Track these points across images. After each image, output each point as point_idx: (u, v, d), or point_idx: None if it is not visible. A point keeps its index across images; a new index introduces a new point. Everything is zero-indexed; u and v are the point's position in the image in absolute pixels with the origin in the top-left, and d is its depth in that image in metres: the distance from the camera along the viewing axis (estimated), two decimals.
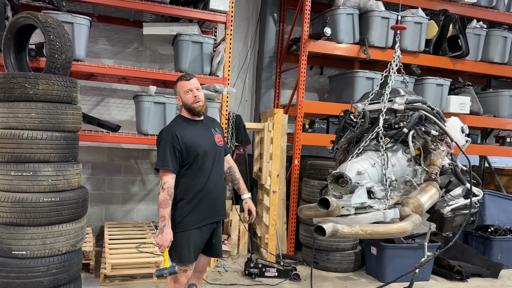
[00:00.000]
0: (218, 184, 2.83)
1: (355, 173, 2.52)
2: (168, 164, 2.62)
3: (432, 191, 2.65)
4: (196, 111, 2.76)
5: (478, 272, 4.87)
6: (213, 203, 2.79)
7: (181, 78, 2.81)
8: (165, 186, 2.61)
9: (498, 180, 6.78)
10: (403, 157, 2.87)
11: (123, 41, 5.45)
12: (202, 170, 2.72)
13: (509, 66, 6.11)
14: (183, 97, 2.77)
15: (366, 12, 5.31)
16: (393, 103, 2.90)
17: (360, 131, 2.99)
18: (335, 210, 2.37)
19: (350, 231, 2.28)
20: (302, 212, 2.88)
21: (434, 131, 2.82)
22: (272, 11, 5.77)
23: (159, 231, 2.58)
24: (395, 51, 3.02)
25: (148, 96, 4.28)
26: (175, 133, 2.68)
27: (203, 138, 2.78)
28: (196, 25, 4.71)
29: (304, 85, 5.14)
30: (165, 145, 2.66)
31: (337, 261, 4.73)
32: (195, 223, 2.71)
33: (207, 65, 4.57)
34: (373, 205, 2.52)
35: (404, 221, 2.40)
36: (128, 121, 5.39)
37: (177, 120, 2.84)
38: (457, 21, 5.46)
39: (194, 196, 2.71)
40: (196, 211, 2.71)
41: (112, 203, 5.49)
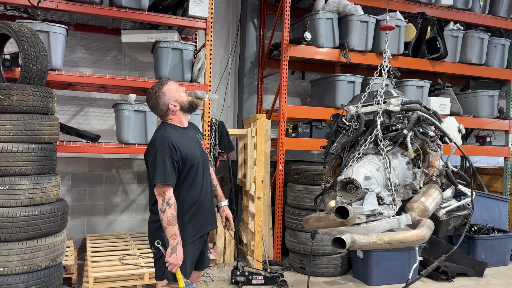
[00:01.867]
0: (208, 194, 2.73)
1: (363, 178, 2.41)
2: (170, 179, 2.45)
3: (435, 193, 2.58)
4: (195, 103, 2.68)
5: (463, 271, 4.91)
6: (206, 215, 2.68)
7: (164, 83, 2.61)
8: (171, 202, 2.44)
9: (479, 179, 6.87)
10: (402, 160, 2.81)
11: (101, 49, 5.36)
12: (195, 181, 2.60)
13: (487, 66, 6.22)
14: (179, 96, 2.61)
15: (345, 16, 5.35)
16: (388, 104, 2.85)
17: (356, 134, 2.87)
18: (351, 220, 2.23)
19: (367, 241, 2.16)
20: (309, 223, 2.66)
21: (431, 132, 2.77)
22: (252, 17, 5.77)
23: (172, 250, 2.41)
24: (385, 51, 2.98)
25: (128, 105, 4.21)
26: (171, 142, 2.48)
27: (195, 146, 2.64)
28: (175, 32, 4.67)
29: (286, 90, 5.13)
30: (163, 157, 2.45)
31: (324, 265, 4.71)
32: (190, 238, 2.57)
33: (188, 71, 4.52)
34: (383, 211, 2.41)
35: (420, 227, 2.29)
36: (109, 130, 5.29)
37: (167, 128, 2.60)
38: (435, 23, 5.54)
39: (189, 208, 2.58)
40: (190, 225, 2.58)
41: (94, 215, 5.37)
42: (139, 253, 4.42)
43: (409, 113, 2.81)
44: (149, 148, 2.53)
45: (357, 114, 2.92)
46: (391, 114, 2.88)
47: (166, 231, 2.41)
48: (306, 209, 4.75)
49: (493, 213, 5.63)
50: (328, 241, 4.69)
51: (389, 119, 2.87)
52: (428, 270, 2.87)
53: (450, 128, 2.94)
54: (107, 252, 4.49)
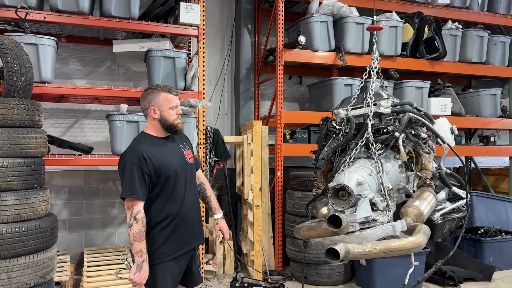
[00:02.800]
0: (193, 207, 2.59)
1: (355, 184, 2.31)
2: (138, 192, 2.33)
3: (430, 197, 2.48)
4: (178, 129, 2.51)
5: (471, 276, 4.75)
6: (189, 229, 2.54)
7: (168, 91, 2.49)
8: (138, 217, 2.32)
9: (485, 180, 6.72)
10: (395, 163, 2.72)
11: (95, 61, 5.31)
12: (174, 193, 2.47)
13: (487, 65, 6.10)
14: (165, 112, 2.46)
15: (340, 18, 5.26)
16: (379, 106, 2.76)
17: (347, 138, 2.78)
18: (345, 228, 2.12)
19: (362, 250, 2.04)
20: (300, 232, 2.56)
21: (423, 133, 2.68)
22: (246, 23, 5.70)
23: (137, 268, 2.27)
24: (374, 52, 2.90)
25: (120, 115, 4.14)
26: (141, 154, 2.37)
27: (173, 157, 2.50)
28: (167, 40, 4.61)
29: (282, 95, 5.04)
30: (131, 170, 2.35)
31: (326, 274, 4.58)
32: (171, 254, 2.44)
33: (181, 80, 4.45)
34: (377, 218, 2.31)
35: (415, 234, 2.18)
36: (104, 142, 5.23)
37: (141, 138, 2.52)
38: (432, 22, 5.45)
39: (168, 223, 2.45)
40: (171, 240, 2.45)
41: (92, 228, 5.28)
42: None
43: (400, 115, 2.72)
44: (120, 159, 2.44)
45: (347, 117, 2.82)
46: (382, 116, 2.79)
47: (132, 247, 2.29)
48: (306, 217, 4.61)
49: (500, 215, 5.48)
50: None
51: (380, 121, 2.78)
52: (425, 276, 2.75)
53: (443, 129, 2.84)
54: (104, 266, 4.41)
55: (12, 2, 3.88)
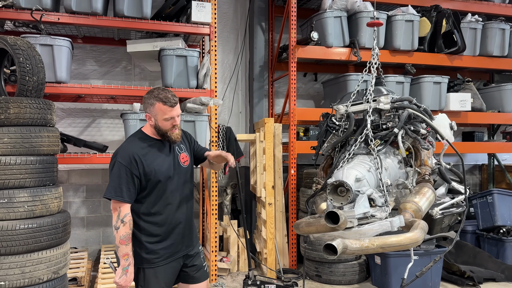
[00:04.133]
0: (186, 213, 2.50)
1: (354, 180, 2.30)
2: (123, 195, 2.26)
3: (428, 193, 2.44)
4: (172, 139, 2.41)
5: (491, 276, 4.60)
6: (180, 237, 2.46)
7: (164, 101, 2.33)
8: (125, 220, 2.26)
9: (509, 178, 6.49)
10: (394, 159, 2.68)
11: (111, 61, 5.40)
12: (165, 198, 2.39)
13: (510, 58, 5.89)
14: (159, 122, 2.36)
15: (354, 14, 5.19)
16: (378, 102, 2.73)
17: (346, 134, 2.77)
18: (342, 224, 2.11)
19: (359, 246, 2.02)
20: (300, 228, 2.54)
21: (422, 129, 2.64)
22: (259, 20, 5.69)
23: (123, 271, 2.25)
24: (373, 48, 2.86)
25: (133, 114, 4.20)
26: (133, 156, 2.30)
27: (165, 161, 2.41)
28: (180, 39, 4.64)
29: (295, 92, 5.00)
30: (119, 171, 2.28)
31: (341, 273, 4.52)
32: (161, 259, 2.39)
33: (193, 78, 4.48)
34: (375, 213, 2.30)
35: (413, 230, 2.15)
36: (120, 141, 5.31)
37: (136, 138, 2.44)
38: (450, 16, 5.30)
39: (157, 228, 2.38)
40: (161, 246, 2.39)
41: (109, 226, 5.37)
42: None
43: (399, 111, 2.67)
44: (112, 157, 2.38)
45: (347, 113, 2.79)
46: (381, 112, 2.75)
47: (118, 250, 2.26)
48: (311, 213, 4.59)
49: None
50: None
51: (379, 117, 2.74)
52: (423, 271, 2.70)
53: (442, 125, 2.78)
54: None
55: (28, 4, 3.98)
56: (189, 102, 4.35)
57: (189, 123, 4.33)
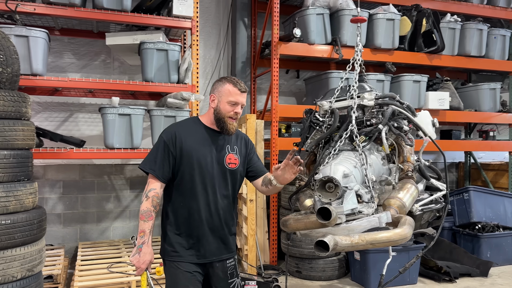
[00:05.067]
0: (221, 216, 2.30)
1: (341, 176, 2.27)
2: (155, 168, 2.20)
3: (411, 189, 2.46)
4: (227, 128, 2.26)
5: (467, 271, 4.71)
6: (209, 239, 2.27)
7: (235, 83, 2.26)
8: (150, 195, 2.17)
9: (484, 175, 6.65)
10: (378, 155, 2.69)
11: (89, 54, 5.28)
12: (195, 192, 2.24)
13: (487, 59, 6.02)
14: (222, 104, 2.25)
15: (336, 11, 5.20)
16: (362, 99, 2.72)
17: (330, 130, 2.74)
18: (333, 221, 2.09)
19: (350, 242, 2.01)
20: (288, 225, 2.45)
21: (406, 126, 2.65)
22: (242, 16, 5.65)
23: (136, 250, 2.13)
24: (357, 44, 2.86)
25: (112, 108, 4.11)
26: (175, 133, 2.24)
27: (206, 152, 2.26)
28: (161, 32, 4.56)
29: (277, 89, 4.99)
30: (159, 145, 2.24)
31: (321, 268, 4.55)
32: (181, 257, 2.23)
33: (174, 73, 4.41)
34: (362, 210, 2.29)
35: (401, 226, 2.15)
36: (99, 136, 5.19)
37: (189, 120, 2.38)
38: (430, 15, 5.37)
39: (183, 222, 2.25)
40: (185, 245, 2.25)
41: (87, 222, 5.27)
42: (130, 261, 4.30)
43: (383, 107, 2.69)
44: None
45: (331, 109, 2.79)
46: (365, 109, 2.76)
47: (139, 224, 2.19)
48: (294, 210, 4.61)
49: (497, 210, 5.42)
50: None
51: (362, 114, 2.75)
52: (406, 267, 2.73)
53: (425, 122, 2.82)
54: (97, 261, 4.39)
55: None
56: (169, 97, 4.28)
57: (170, 118, 4.26)
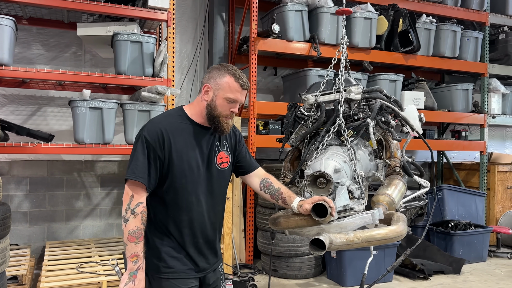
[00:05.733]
0: (211, 222, 2.04)
1: (333, 171, 2.19)
2: (142, 175, 1.85)
3: (399, 184, 2.40)
4: (221, 128, 1.97)
5: (440, 269, 4.77)
6: (204, 251, 2.03)
7: (237, 77, 1.94)
8: (137, 210, 1.83)
9: (456, 175, 6.78)
10: (365, 151, 2.63)
11: (59, 46, 5.06)
12: (187, 203, 1.95)
13: (460, 60, 6.13)
14: (219, 100, 1.93)
15: (315, 8, 5.18)
16: (349, 92, 2.63)
17: (317, 124, 2.63)
18: (329, 218, 1.97)
19: (344, 240, 1.90)
20: (278, 223, 2.25)
21: (393, 121, 2.58)
22: (219, 10, 5.55)
23: (129, 277, 1.83)
24: (343, 37, 2.78)
25: (82, 101, 3.93)
26: (161, 132, 1.89)
27: (199, 154, 1.97)
28: (135, 24, 4.41)
29: (255, 85, 4.92)
30: (142, 146, 1.87)
31: (297, 267, 4.51)
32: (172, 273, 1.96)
33: (149, 66, 4.27)
34: (353, 206, 2.20)
35: (396, 223, 2.07)
36: (68, 131, 4.98)
37: (173, 114, 2.01)
38: (407, 15, 5.42)
39: (173, 236, 1.97)
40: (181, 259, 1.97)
41: (55, 221, 5.05)
42: (100, 261, 4.14)
43: (370, 101, 2.63)
44: (140, 129, 1.98)
45: (317, 103, 2.71)
46: (351, 103, 2.70)
47: (126, 249, 1.84)
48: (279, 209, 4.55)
49: (469, 209, 5.53)
50: (300, 241, 4.49)
51: (349, 108, 2.69)
52: (394, 265, 2.69)
53: (412, 116, 2.78)
54: (66, 261, 4.20)
55: None
56: (144, 90, 4.14)
57: (144, 113, 4.12)
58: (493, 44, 6.48)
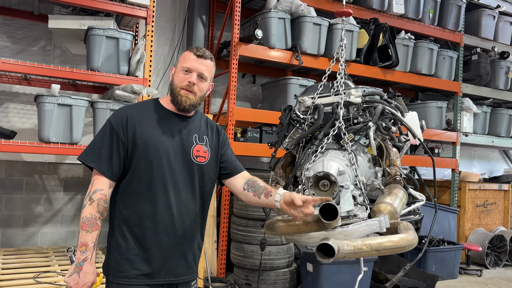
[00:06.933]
0: (182, 220, 1.84)
1: (336, 172, 2.05)
2: (101, 162, 1.75)
3: (400, 193, 2.27)
4: (178, 101, 1.85)
5: (415, 285, 4.71)
6: (169, 254, 1.82)
7: (191, 49, 1.89)
8: (94, 197, 1.72)
9: (428, 191, 6.84)
10: (364, 157, 2.50)
11: (27, 39, 4.74)
12: (151, 192, 1.79)
13: (436, 78, 6.23)
14: (176, 73, 1.88)
15: (298, 17, 5.12)
16: (349, 95, 2.49)
17: (314, 127, 2.48)
18: (336, 221, 1.81)
19: (352, 248, 1.74)
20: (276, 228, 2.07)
21: (393, 127, 2.46)
22: (200, 13, 5.39)
23: (75, 268, 1.67)
24: (341, 39, 2.67)
25: (51, 97, 3.65)
26: (126, 116, 1.81)
27: (170, 141, 1.84)
28: (111, 19, 4.18)
29: (235, 90, 4.77)
30: (105, 131, 1.80)
31: (272, 281, 4.33)
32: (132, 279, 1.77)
33: (125, 63, 4.04)
34: (357, 213, 2.05)
35: (406, 231, 1.93)
36: (32, 130, 4.64)
37: (146, 102, 1.95)
38: (387, 30, 5.46)
39: (133, 231, 1.79)
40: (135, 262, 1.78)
41: (11, 226, 4.65)
42: (60, 270, 3.81)
43: (370, 106, 2.50)
44: None
45: (315, 105, 2.55)
46: (350, 106, 2.57)
47: (78, 236, 1.72)
48: (255, 219, 4.39)
49: (443, 225, 5.55)
50: (276, 254, 4.33)
51: (347, 112, 2.55)
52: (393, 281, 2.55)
53: (413, 124, 2.68)
54: (22, 269, 3.84)
55: None
56: (118, 89, 3.90)
57: None
58: (466, 65, 6.66)
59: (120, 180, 1.83)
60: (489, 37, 6.67)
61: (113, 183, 1.80)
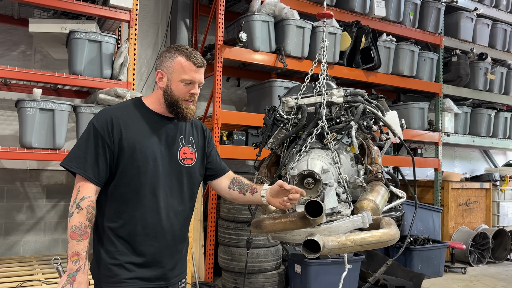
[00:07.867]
0: (171, 224, 1.83)
1: (320, 170, 2.10)
2: (86, 168, 1.69)
3: (382, 191, 2.34)
4: (182, 113, 1.81)
5: (402, 284, 4.75)
6: (160, 258, 1.82)
7: (188, 56, 1.77)
8: (82, 204, 1.67)
9: (411, 191, 6.92)
10: (347, 155, 2.55)
11: (6, 43, 4.65)
12: (140, 198, 1.76)
13: (417, 79, 6.34)
14: (174, 84, 1.78)
15: (281, 20, 5.15)
16: (331, 95, 2.55)
17: (298, 127, 2.53)
18: (321, 218, 1.85)
19: (337, 243, 1.80)
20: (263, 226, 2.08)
21: (375, 126, 2.53)
22: (183, 16, 5.37)
23: (68, 279, 1.62)
24: (323, 40, 2.71)
25: (32, 102, 3.57)
26: (111, 119, 1.73)
27: (156, 145, 1.80)
28: (94, 22, 4.13)
29: (220, 93, 4.76)
30: (89, 135, 1.72)
31: (260, 284, 4.31)
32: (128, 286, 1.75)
33: (108, 67, 3.99)
34: (341, 209, 2.11)
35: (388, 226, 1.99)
36: (13, 136, 4.55)
37: (128, 103, 1.85)
38: (369, 32, 5.53)
39: (128, 236, 1.77)
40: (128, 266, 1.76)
41: None
42: (44, 278, 3.72)
43: (353, 105, 2.56)
44: None
45: (298, 106, 2.61)
46: (332, 106, 2.62)
47: (68, 246, 1.66)
48: (242, 222, 4.37)
49: (427, 224, 5.63)
50: (264, 256, 4.32)
51: (329, 112, 2.61)
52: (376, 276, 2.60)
53: (394, 122, 2.74)
54: (4, 279, 3.73)
55: None
56: (101, 93, 3.85)
57: None
58: (447, 66, 6.80)
59: (106, 185, 1.78)
60: (468, 39, 6.83)
61: (99, 189, 1.75)
